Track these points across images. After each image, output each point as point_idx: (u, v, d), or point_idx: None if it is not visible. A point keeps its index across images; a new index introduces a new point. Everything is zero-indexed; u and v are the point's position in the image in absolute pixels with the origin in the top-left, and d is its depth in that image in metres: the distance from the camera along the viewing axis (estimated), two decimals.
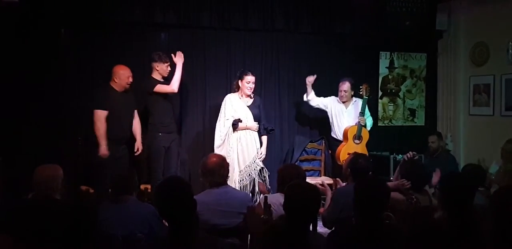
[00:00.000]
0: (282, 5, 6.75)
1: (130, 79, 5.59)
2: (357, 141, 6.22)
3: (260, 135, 6.06)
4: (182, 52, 5.96)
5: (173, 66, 5.90)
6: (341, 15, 7.02)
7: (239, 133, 5.85)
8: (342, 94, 6.44)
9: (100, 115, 5.43)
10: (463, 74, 7.35)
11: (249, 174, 5.81)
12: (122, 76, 5.54)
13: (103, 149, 5.40)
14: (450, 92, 7.47)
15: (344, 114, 6.47)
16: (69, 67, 6.03)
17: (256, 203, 4.49)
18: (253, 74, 5.94)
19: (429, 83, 7.72)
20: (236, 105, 5.91)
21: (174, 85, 5.77)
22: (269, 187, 5.86)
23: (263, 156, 6.00)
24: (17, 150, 5.62)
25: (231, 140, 5.82)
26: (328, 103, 6.58)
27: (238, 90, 5.99)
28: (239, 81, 5.92)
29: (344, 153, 6.14)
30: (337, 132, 6.50)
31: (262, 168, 5.90)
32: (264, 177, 5.89)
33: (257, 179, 5.82)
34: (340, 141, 6.42)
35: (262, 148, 6.02)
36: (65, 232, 2.37)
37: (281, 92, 7.00)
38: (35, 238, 2.54)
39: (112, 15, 6.05)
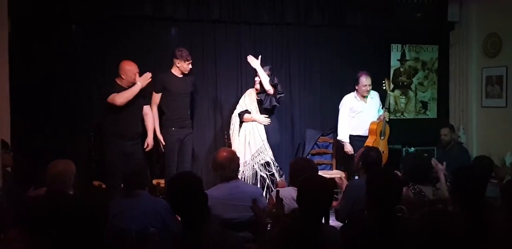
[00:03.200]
0: None
1: (137, 76, 5.56)
2: (382, 137, 6.19)
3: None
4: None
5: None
6: (351, 8, 6.99)
7: (245, 125, 5.88)
8: (367, 88, 6.37)
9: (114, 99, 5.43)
10: (475, 66, 7.28)
11: (252, 166, 5.82)
12: (129, 73, 5.51)
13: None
14: (463, 84, 7.41)
15: (365, 110, 6.41)
16: (80, 63, 6.05)
17: (268, 197, 4.50)
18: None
19: (441, 75, 7.66)
20: (248, 99, 6.01)
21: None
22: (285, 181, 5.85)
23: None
24: (29, 146, 5.65)
25: (240, 133, 5.90)
26: (347, 105, 6.47)
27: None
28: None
29: None
30: (355, 129, 6.43)
31: (268, 162, 5.89)
32: (269, 171, 5.87)
33: (260, 173, 5.82)
34: (359, 136, 6.38)
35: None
36: (77, 227, 2.39)
37: (292, 85, 6.98)
38: (48, 232, 2.56)
39: (122, 10, 6.06)
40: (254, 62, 5.85)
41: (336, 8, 6.95)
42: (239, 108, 6.04)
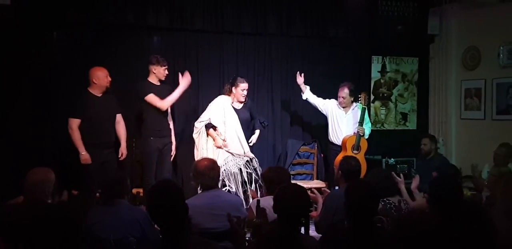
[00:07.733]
0: (275, 9, 6.77)
1: (109, 78, 5.49)
2: (355, 152, 6.19)
3: (253, 129, 6.18)
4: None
5: (176, 73, 5.90)
6: (333, 19, 7.05)
7: (229, 134, 5.88)
8: (340, 100, 6.40)
9: (72, 123, 5.39)
10: (454, 78, 7.38)
11: (236, 163, 5.88)
12: (101, 77, 5.43)
13: (82, 155, 5.38)
14: (442, 96, 7.51)
15: (343, 119, 6.42)
16: (62, 71, 6.00)
17: (248, 207, 4.49)
18: (247, 81, 6.00)
19: (421, 87, 7.76)
20: (226, 108, 5.97)
21: (165, 103, 5.69)
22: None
23: (253, 143, 6.15)
24: (6, 154, 5.59)
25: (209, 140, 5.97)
26: (328, 106, 6.52)
27: (230, 94, 6.02)
28: (233, 88, 5.96)
29: None
30: (334, 137, 6.47)
31: (252, 158, 5.96)
32: (254, 166, 5.93)
33: (244, 169, 5.86)
34: (337, 145, 6.40)
35: (254, 136, 6.16)
36: (52, 236, 2.37)
37: (274, 95, 7.01)
38: (26, 242, 2.53)
39: (105, 18, 6.03)
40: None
41: (318, 19, 7.00)
42: (204, 117, 6.01)
